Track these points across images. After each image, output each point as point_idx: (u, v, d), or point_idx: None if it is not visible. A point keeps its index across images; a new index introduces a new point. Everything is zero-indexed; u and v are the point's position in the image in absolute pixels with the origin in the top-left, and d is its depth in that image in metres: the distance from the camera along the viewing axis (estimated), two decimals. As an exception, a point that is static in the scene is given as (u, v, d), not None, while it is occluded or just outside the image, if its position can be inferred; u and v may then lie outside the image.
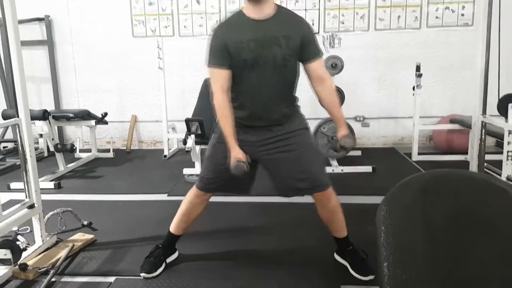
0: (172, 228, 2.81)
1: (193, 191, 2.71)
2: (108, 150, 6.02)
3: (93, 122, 5.62)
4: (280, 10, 2.43)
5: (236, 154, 2.37)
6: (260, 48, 2.32)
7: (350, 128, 3.74)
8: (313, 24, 5.90)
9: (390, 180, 1.26)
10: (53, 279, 2.64)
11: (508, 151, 3.67)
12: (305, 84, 2.56)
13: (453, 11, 5.77)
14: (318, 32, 5.88)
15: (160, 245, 2.81)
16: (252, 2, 2.34)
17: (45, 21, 6.17)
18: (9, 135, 5.97)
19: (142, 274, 2.66)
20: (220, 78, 2.38)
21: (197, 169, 4.60)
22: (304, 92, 2.64)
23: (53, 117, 5.22)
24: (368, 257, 2.66)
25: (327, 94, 2.50)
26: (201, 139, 4.36)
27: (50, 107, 6.22)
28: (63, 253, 2.89)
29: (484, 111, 3.87)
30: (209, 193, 2.70)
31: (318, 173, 2.55)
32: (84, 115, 5.57)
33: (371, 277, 2.57)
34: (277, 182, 2.60)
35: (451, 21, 5.80)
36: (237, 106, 2.46)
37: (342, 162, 4.95)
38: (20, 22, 2.89)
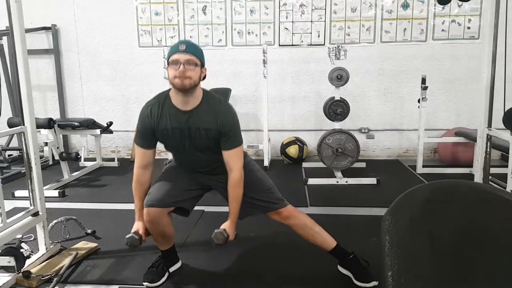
0: (158, 246, 2.80)
1: (145, 214, 2.57)
2: (112, 159, 6.04)
3: (98, 131, 5.64)
4: (206, 100, 2.50)
5: (136, 227, 2.60)
6: (184, 137, 2.49)
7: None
8: (318, 36, 5.93)
9: (394, 192, 1.26)
10: (56, 287, 2.64)
11: (513, 165, 3.65)
12: (308, 97, 2.56)
13: (459, 24, 5.78)
14: (324, 44, 5.91)
15: (162, 256, 2.81)
16: (179, 92, 2.42)
17: (52, 30, 6.22)
18: (14, 143, 6.00)
19: (145, 283, 2.65)
20: (140, 156, 2.61)
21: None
22: (307, 105, 2.63)
23: (59, 125, 5.24)
24: (369, 265, 2.66)
25: (230, 185, 2.54)
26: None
27: (56, 115, 6.27)
28: (66, 261, 2.89)
29: (489, 124, 3.85)
30: (158, 207, 2.56)
31: (266, 197, 2.67)
32: (89, 124, 5.58)
33: (374, 283, 2.58)
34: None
35: (457, 34, 5.81)
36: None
37: (346, 174, 4.94)
38: (27, 31, 2.91)
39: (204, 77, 2.48)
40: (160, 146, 2.64)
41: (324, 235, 2.71)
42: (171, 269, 2.81)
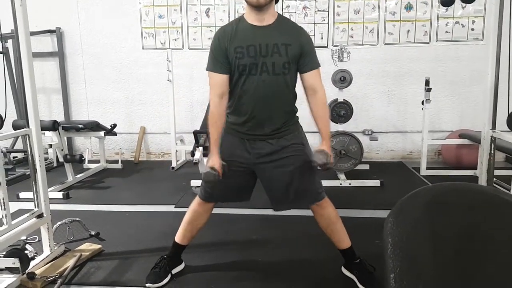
0: (177, 237, 2.82)
1: (196, 201, 2.73)
2: (116, 161, 6.06)
3: (102, 133, 5.66)
4: (281, 19, 2.45)
5: (212, 162, 2.44)
6: (259, 54, 2.34)
7: (355, 143, 3.65)
8: (321, 38, 5.93)
9: (398, 194, 1.26)
10: (60, 289, 2.65)
11: (517, 166, 3.65)
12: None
13: (463, 26, 5.77)
14: (327, 45, 5.90)
15: (165, 256, 2.82)
16: (254, 10, 2.34)
17: (56, 33, 6.24)
18: (19, 145, 6.02)
19: (148, 285, 2.66)
20: (217, 84, 2.42)
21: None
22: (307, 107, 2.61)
23: (63, 127, 5.25)
24: (375, 270, 2.64)
25: (317, 106, 2.51)
26: (208, 151, 4.37)
27: (60, 118, 6.28)
28: (70, 263, 2.90)
29: (493, 126, 3.85)
30: (211, 202, 2.71)
31: (311, 188, 2.59)
32: (93, 126, 5.60)
33: None
34: (271, 195, 2.65)
35: (461, 36, 5.80)
36: (234, 112, 2.50)
37: (350, 176, 4.94)
38: (32, 34, 2.92)
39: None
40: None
41: (342, 234, 2.68)
42: (174, 271, 2.81)
